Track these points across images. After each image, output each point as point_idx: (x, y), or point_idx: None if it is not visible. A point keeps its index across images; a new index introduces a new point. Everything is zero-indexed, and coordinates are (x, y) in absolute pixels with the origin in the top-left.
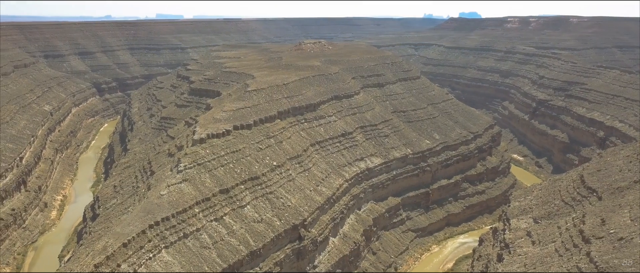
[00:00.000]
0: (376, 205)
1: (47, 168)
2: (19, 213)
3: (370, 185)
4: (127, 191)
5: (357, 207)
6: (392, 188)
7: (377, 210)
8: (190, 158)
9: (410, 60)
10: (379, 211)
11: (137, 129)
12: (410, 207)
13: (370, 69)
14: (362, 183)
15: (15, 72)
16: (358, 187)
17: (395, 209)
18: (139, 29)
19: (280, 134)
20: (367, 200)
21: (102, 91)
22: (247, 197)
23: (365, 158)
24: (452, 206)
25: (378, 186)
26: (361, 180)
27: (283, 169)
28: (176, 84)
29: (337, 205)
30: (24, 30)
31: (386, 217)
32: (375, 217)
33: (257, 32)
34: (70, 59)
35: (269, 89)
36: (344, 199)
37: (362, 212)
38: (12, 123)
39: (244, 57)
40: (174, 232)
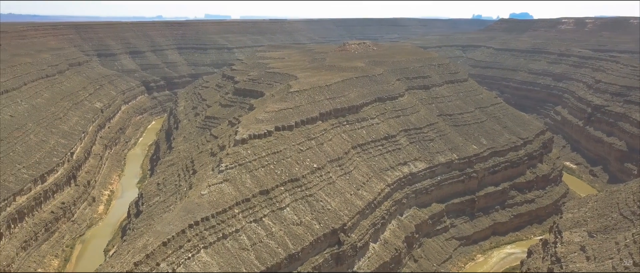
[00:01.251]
0: (419, 212)
1: (96, 163)
2: (68, 207)
3: (413, 191)
4: (169, 189)
5: (399, 212)
6: (436, 195)
7: (420, 216)
8: (231, 158)
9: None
10: (421, 217)
11: (182, 128)
12: (455, 214)
13: (415, 71)
14: (404, 189)
15: (70, 70)
16: (400, 192)
17: (439, 216)
18: (188, 29)
19: (322, 135)
20: (410, 205)
21: (151, 89)
22: (287, 199)
23: (408, 162)
24: (499, 214)
25: (421, 192)
26: (404, 185)
27: (323, 172)
28: (221, 83)
29: (378, 210)
30: (79, 29)
31: (429, 223)
32: (418, 223)
33: (302, 33)
34: (122, 57)
35: (311, 90)
36: (386, 204)
37: (404, 218)
38: (65, 119)
39: (288, 58)
40: (213, 232)
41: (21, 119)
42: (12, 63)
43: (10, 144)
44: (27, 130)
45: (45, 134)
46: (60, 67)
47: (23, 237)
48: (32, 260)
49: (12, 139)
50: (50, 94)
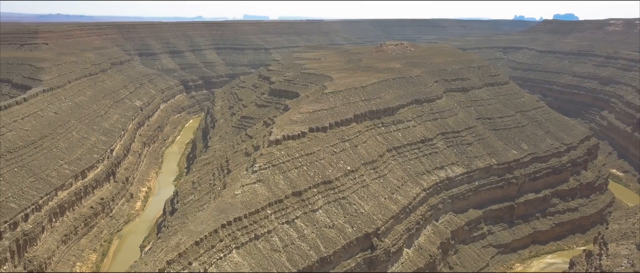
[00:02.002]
0: (455, 217)
1: (134, 160)
2: (107, 203)
3: (449, 196)
4: (204, 188)
5: (435, 218)
6: (474, 200)
7: (456, 222)
8: (265, 159)
9: (498, 64)
10: (458, 223)
11: (219, 127)
12: (493, 220)
13: (454, 73)
14: (441, 193)
15: (112, 68)
16: (436, 197)
17: (476, 222)
18: (226, 29)
19: (356, 137)
20: (446, 211)
21: (189, 88)
22: (320, 201)
23: (445, 167)
24: (540, 223)
25: (458, 197)
26: (440, 190)
27: (357, 174)
28: (257, 83)
29: (413, 215)
30: (122, 29)
31: (466, 230)
32: (454, 229)
33: (339, 34)
34: (162, 57)
35: (347, 92)
36: (421, 209)
37: (439, 224)
38: (106, 117)
39: (324, 59)
40: (245, 232)
41: (64, 116)
42: (58, 62)
43: (53, 140)
44: (69, 127)
45: (87, 131)
46: (102, 65)
47: (64, 231)
48: (71, 253)
49: (55, 135)
50: (92, 92)
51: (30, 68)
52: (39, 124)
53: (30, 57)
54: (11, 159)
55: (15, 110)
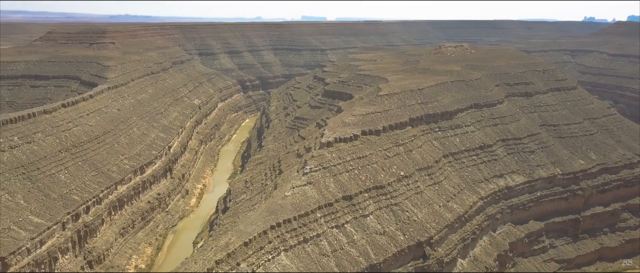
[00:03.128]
0: (514, 228)
1: (191, 158)
2: (163, 198)
3: (508, 206)
4: (256, 187)
5: (492, 228)
6: (535, 211)
7: (516, 233)
8: (316, 161)
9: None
10: (517, 235)
11: (273, 127)
12: (555, 234)
13: (517, 76)
14: (499, 203)
15: (173, 67)
16: (494, 207)
17: (537, 235)
18: (284, 30)
19: (411, 142)
20: (505, 221)
21: (246, 88)
22: (371, 206)
23: (505, 175)
24: (608, 238)
25: (518, 207)
26: (499, 199)
27: (411, 180)
28: (312, 84)
29: (469, 224)
30: (184, 30)
31: (525, 242)
32: (513, 241)
33: (397, 35)
34: (221, 57)
35: (402, 94)
36: (478, 218)
37: (497, 235)
38: (165, 114)
39: (380, 60)
40: (294, 235)
41: (126, 113)
42: (123, 60)
43: (115, 136)
44: (131, 123)
45: (147, 127)
46: (164, 65)
47: (122, 224)
48: (128, 246)
49: (117, 131)
50: (153, 90)
51: (98, 66)
52: (102, 120)
53: (97, 56)
54: (76, 153)
55: (82, 106)
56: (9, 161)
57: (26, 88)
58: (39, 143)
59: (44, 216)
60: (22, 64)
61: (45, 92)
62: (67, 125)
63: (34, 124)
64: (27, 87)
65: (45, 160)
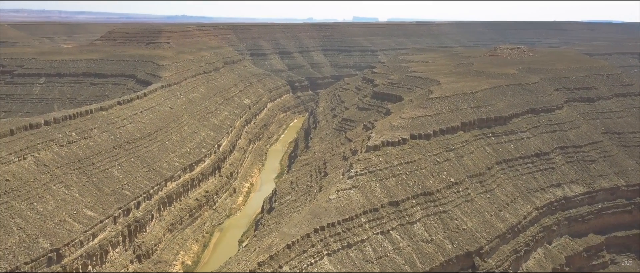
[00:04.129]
0: (572, 242)
1: (240, 156)
2: (211, 196)
3: (566, 217)
4: (301, 189)
5: (547, 240)
6: (595, 224)
7: (573, 247)
8: (362, 164)
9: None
10: (574, 249)
11: (320, 128)
12: (617, 249)
13: (578, 81)
14: (556, 214)
15: (225, 67)
16: (550, 218)
17: (597, 249)
18: (334, 31)
19: (462, 147)
20: (561, 234)
21: (295, 89)
22: (418, 213)
23: (563, 184)
24: None
25: (576, 219)
26: (555, 210)
27: (461, 187)
28: (361, 86)
29: (523, 235)
30: (237, 30)
31: (583, 257)
32: (570, 255)
33: (450, 36)
34: (271, 57)
35: (454, 97)
36: (532, 229)
37: (552, 247)
38: (216, 113)
39: (432, 62)
40: (338, 239)
41: (178, 111)
42: (177, 60)
43: (167, 134)
44: (182, 121)
45: (198, 126)
46: (216, 64)
47: (170, 220)
48: (176, 242)
49: (169, 129)
50: (205, 89)
51: (153, 65)
52: (155, 118)
53: (153, 55)
54: (129, 149)
55: (136, 104)
56: (67, 155)
57: (86, 85)
58: (94, 139)
59: (97, 210)
60: (83, 62)
61: (103, 90)
62: (121, 122)
63: (91, 120)
64: (87, 84)
65: (100, 156)
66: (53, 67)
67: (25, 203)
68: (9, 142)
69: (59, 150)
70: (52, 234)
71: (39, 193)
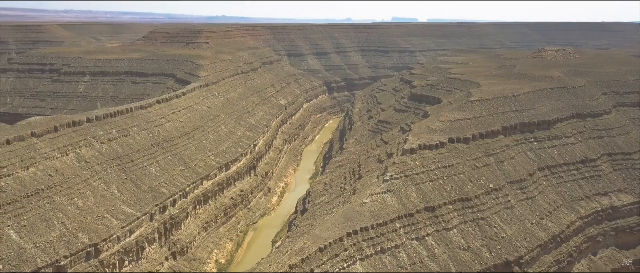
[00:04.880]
0: (618, 254)
1: (275, 156)
2: (246, 195)
3: (613, 228)
4: (334, 191)
5: (592, 251)
6: None
7: (620, 259)
8: (397, 168)
9: None
10: (622, 261)
11: (355, 129)
12: None
13: (628, 84)
14: (601, 224)
15: (262, 67)
16: (596, 228)
17: None
18: (372, 31)
19: (502, 152)
20: (607, 245)
21: (331, 89)
22: (455, 219)
23: (610, 193)
24: None
25: (624, 230)
26: (601, 220)
27: (501, 193)
28: (398, 87)
29: (565, 245)
30: (274, 30)
31: (631, 270)
32: (616, 267)
33: (491, 37)
34: (308, 58)
35: (495, 100)
36: (576, 240)
37: (598, 259)
38: (252, 113)
39: (472, 63)
40: (371, 244)
41: (216, 110)
42: (215, 60)
43: (204, 132)
44: (219, 121)
45: (234, 125)
46: (254, 64)
47: (205, 218)
48: (210, 240)
49: (206, 128)
50: (242, 89)
51: (192, 64)
52: (193, 117)
53: (192, 55)
54: (167, 148)
55: (175, 102)
56: (107, 152)
57: (128, 84)
58: (134, 136)
59: (134, 206)
60: (126, 61)
61: (144, 88)
62: (160, 121)
63: (131, 118)
64: (128, 83)
65: (139, 153)
66: (97, 65)
67: (67, 198)
68: (52, 139)
69: (99, 147)
70: (91, 229)
71: (80, 188)
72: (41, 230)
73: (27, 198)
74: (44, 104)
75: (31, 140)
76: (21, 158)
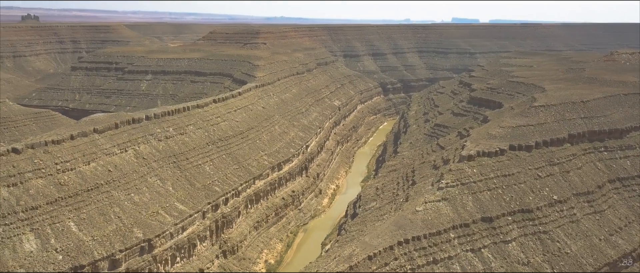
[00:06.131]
0: None
1: (327, 158)
2: (297, 196)
3: None
4: (386, 196)
5: None
6: None
7: None
8: (454, 175)
9: None
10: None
11: (410, 133)
12: None
13: None
14: None
15: (317, 68)
16: None
17: None
18: (431, 32)
19: (568, 161)
20: None
21: (387, 91)
22: (514, 231)
23: None
24: None
25: None
26: None
27: (565, 206)
28: (457, 90)
29: (638, 265)
30: (331, 31)
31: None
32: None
33: (558, 39)
34: (364, 59)
35: (561, 106)
36: None
37: None
38: (306, 114)
39: (537, 66)
40: (423, 254)
41: (270, 111)
42: (271, 60)
43: (258, 132)
44: (273, 121)
45: (288, 126)
46: (309, 65)
47: (256, 218)
48: (260, 240)
49: (260, 128)
50: (297, 89)
51: (248, 65)
52: (248, 117)
53: (249, 55)
54: (221, 147)
55: (231, 102)
56: (164, 150)
57: (187, 83)
58: (190, 135)
59: (187, 204)
60: (185, 61)
61: (202, 88)
62: (215, 120)
63: (188, 117)
64: (188, 82)
65: (194, 152)
66: (158, 65)
67: (124, 193)
68: (113, 135)
69: (157, 144)
70: (146, 225)
71: (137, 184)
72: (99, 223)
73: (87, 192)
74: (108, 100)
75: (93, 136)
76: (83, 153)
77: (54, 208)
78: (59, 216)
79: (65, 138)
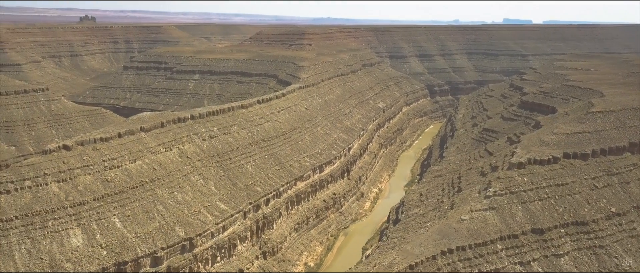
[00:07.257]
0: None
1: (370, 161)
2: (338, 199)
3: None
4: (430, 203)
5: None
6: None
7: None
8: (502, 183)
9: None
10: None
11: (457, 137)
12: None
13: None
14: None
15: (362, 70)
16: None
17: None
18: (480, 33)
19: (628, 172)
20: None
21: (434, 93)
22: (567, 244)
23: None
24: None
25: None
26: None
27: (624, 219)
28: (507, 93)
29: None
30: (377, 32)
31: None
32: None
33: (618, 40)
34: (411, 60)
35: (622, 113)
36: None
37: None
38: (349, 115)
39: (594, 70)
40: (468, 265)
41: (313, 112)
42: (316, 61)
43: (300, 133)
44: (316, 122)
45: (330, 127)
46: (354, 67)
47: (297, 219)
48: (300, 241)
49: (303, 129)
50: (341, 91)
51: (293, 66)
52: (291, 118)
53: (294, 56)
54: (264, 147)
55: (274, 103)
56: (208, 149)
57: (233, 83)
58: (234, 135)
59: (229, 204)
60: (232, 61)
61: (247, 88)
62: (259, 120)
63: (232, 117)
64: (234, 82)
65: (237, 152)
66: (206, 65)
67: (167, 191)
68: (159, 134)
69: (201, 143)
70: (188, 224)
71: (180, 183)
72: (143, 220)
73: (132, 189)
74: (157, 99)
75: (140, 134)
76: (130, 151)
77: (100, 204)
78: (104, 212)
79: (113, 136)
